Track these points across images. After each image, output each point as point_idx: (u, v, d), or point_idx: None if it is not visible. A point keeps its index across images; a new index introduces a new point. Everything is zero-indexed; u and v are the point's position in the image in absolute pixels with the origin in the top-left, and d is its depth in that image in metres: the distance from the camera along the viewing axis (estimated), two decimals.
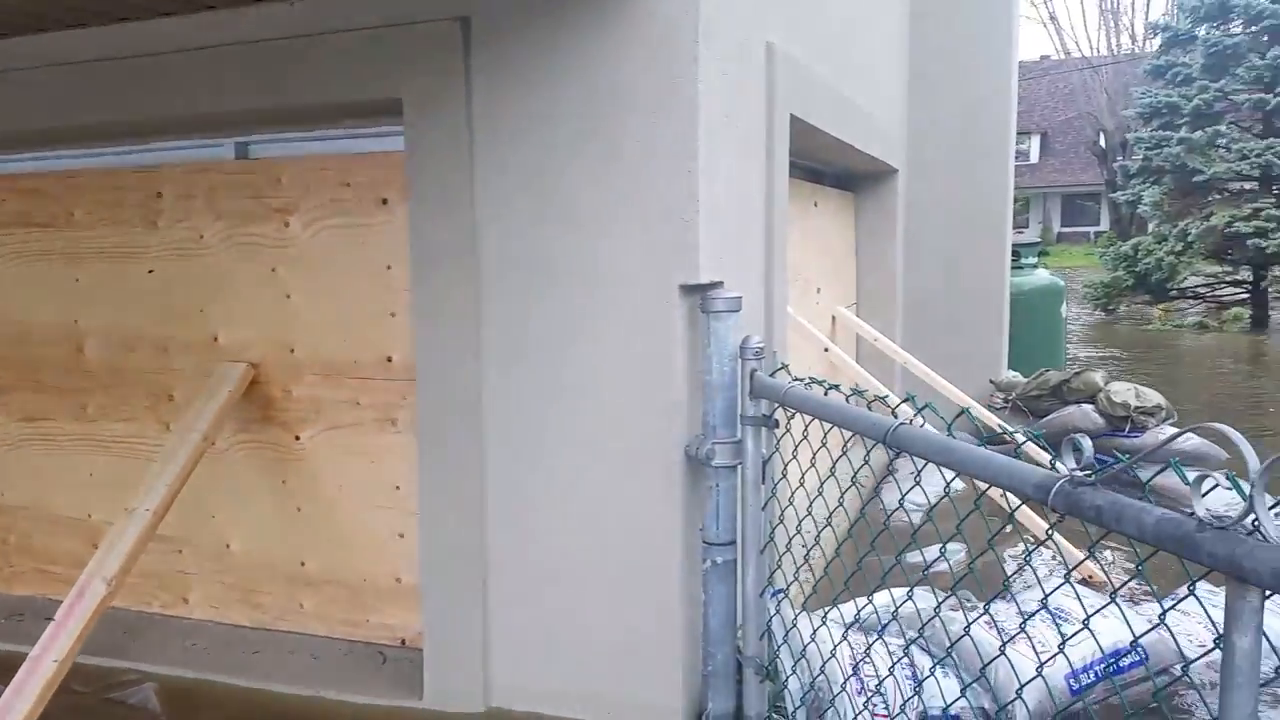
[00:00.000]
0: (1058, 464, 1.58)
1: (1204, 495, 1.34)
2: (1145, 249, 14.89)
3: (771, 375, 2.63)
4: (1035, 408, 6.07)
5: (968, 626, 2.77)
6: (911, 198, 6.59)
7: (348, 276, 3.23)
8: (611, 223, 2.67)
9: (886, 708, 2.87)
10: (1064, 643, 1.83)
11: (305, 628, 3.46)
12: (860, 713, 2.78)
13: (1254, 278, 14.59)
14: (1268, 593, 1.24)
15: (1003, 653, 2.16)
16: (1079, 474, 1.53)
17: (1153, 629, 1.59)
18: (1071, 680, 2.97)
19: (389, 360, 3.19)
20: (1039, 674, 1.95)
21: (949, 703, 2.87)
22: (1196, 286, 15.57)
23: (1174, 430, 5.65)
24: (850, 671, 2.83)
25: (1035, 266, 8.64)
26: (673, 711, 2.79)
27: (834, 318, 5.74)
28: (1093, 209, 38.29)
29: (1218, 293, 15.43)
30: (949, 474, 1.86)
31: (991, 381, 6.48)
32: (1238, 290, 15.09)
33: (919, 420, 2.05)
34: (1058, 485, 1.55)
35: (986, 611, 3.03)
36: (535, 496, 2.85)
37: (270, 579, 3.49)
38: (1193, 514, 1.34)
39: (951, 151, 6.52)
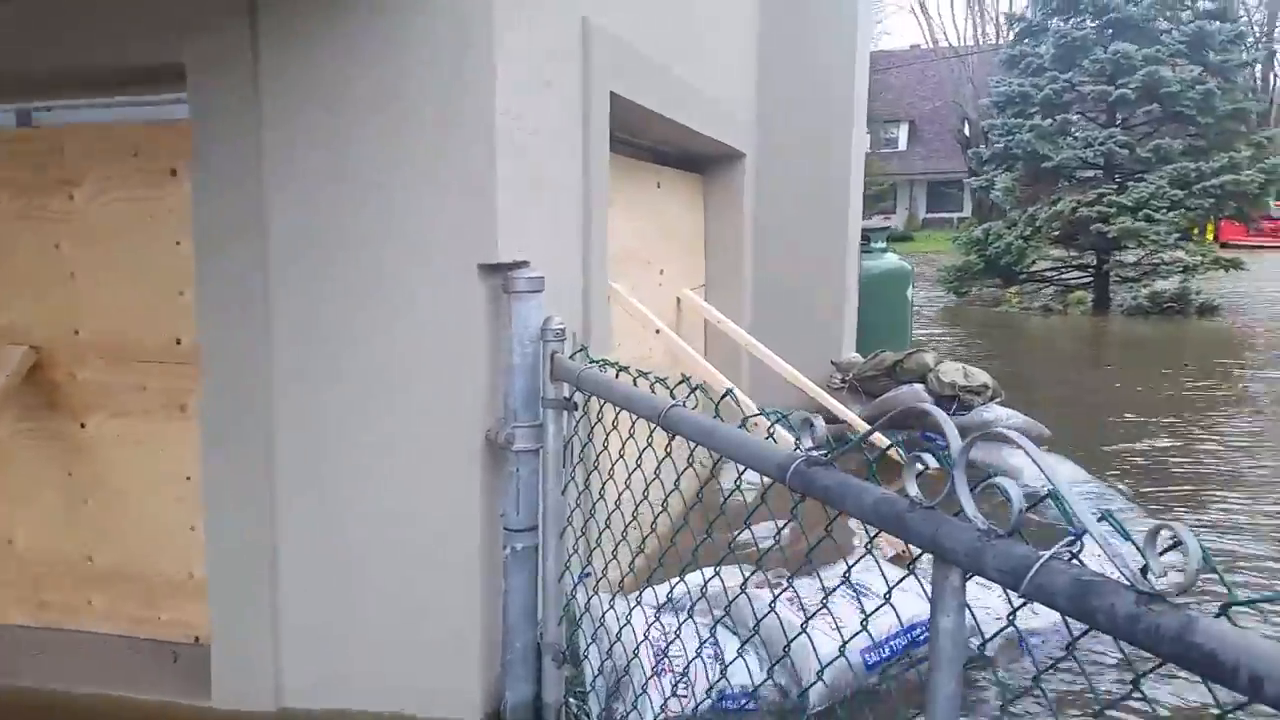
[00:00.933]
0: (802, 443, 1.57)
1: (917, 476, 1.36)
2: (995, 234, 15.54)
3: (571, 357, 2.59)
4: (871, 388, 6.24)
5: (772, 603, 2.79)
6: (761, 182, 6.65)
7: (136, 253, 3.02)
8: (407, 197, 2.56)
9: (688, 687, 2.88)
10: (866, 619, 1.77)
11: (94, 626, 3.25)
12: (663, 694, 2.79)
13: (1097, 262, 15.41)
14: (969, 574, 1.26)
15: (804, 630, 2.16)
16: (815, 454, 1.53)
17: (877, 610, 1.60)
18: (869, 655, 3.04)
19: (177, 343, 3.00)
20: (841, 653, 1.91)
21: (756, 685, 2.91)
22: (1044, 270, 16.34)
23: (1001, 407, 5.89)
24: (651, 653, 2.82)
25: (885, 251, 8.89)
26: (470, 701, 2.72)
27: (679, 299, 5.75)
28: (957, 195, 39.80)
29: (1064, 276, 16.23)
30: None
31: (832, 362, 6.62)
32: (1083, 274, 15.90)
33: (692, 401, 2.04)
34: (794, 465, 1.55)
35: (789, 587, 3.09)
36: (330, 485, 2.73)
37: (56, 576, 3.27)
38: (904, 493, 1.36)
39: (798, 138, 6.60)
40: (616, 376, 2.35)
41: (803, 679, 2.93)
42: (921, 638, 3.17)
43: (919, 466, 1.36)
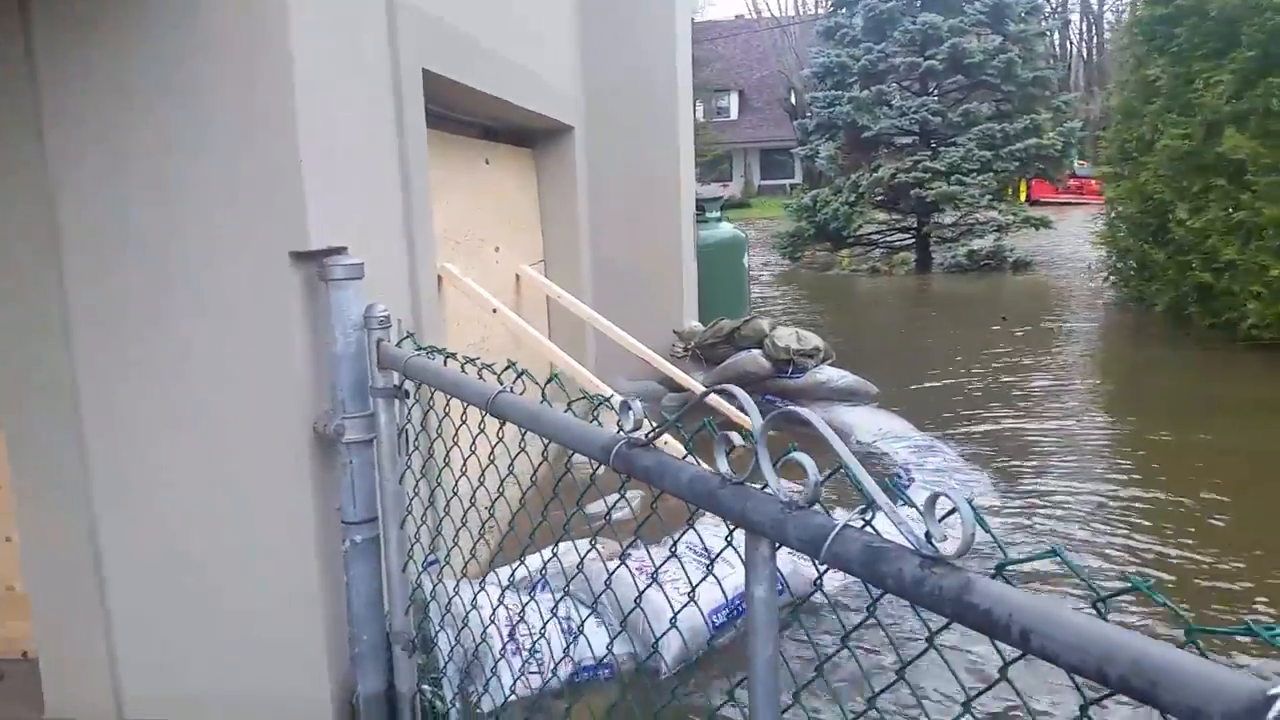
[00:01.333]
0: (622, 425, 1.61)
1: (729, 455, 1.43)
2: (823, 200, 16.15)
3: (398, 345, 2.55)
4: (712, 355, 6.42)
5: (609, 576, 2.85)
6: (593, 156, 6.68)
7: None
8: (205, 188, 2.44)
9: (539, 666, 2.92)
10: (695, 586, 1.76)
11: None
12: (514, 674, 2.82)
13: (918, 224, 16.25)
14: (778, 545, 1.33)
15: (638, 601, 2.20)
16: (635, 435, 1.57)
17: (700, 582, 1.66)
18: (715, 617, 3.15)
19: None
20: (673, 624, 1.89)
21: (600, 656, 2.97)
22: (871, 234, 17.11)
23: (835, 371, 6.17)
24: (500, 634, 2.84)
25: (720, 220, 9.08)
26: (320, 700, 2.67)
27: (518, 276, 5.73)
28: (788, 163, 40.98)
29: (889, 239, 17.05)
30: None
31: (674, 331, 6.76)
32: (906, 236, 16.74)
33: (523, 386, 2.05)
34: (616, 448, 1.59)
35: (624, 559, 3.16)
36: (151, 487, 2.60)
37: None
38: (716, 472, 1.42)
39: (625, 111, 6.66)
40: (445, 363, 2.33)
41: (664, 652, 3.00)
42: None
43: (729, 444, 1.43)
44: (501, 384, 2.03)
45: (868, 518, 1.22)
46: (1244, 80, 7.99)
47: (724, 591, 3.10)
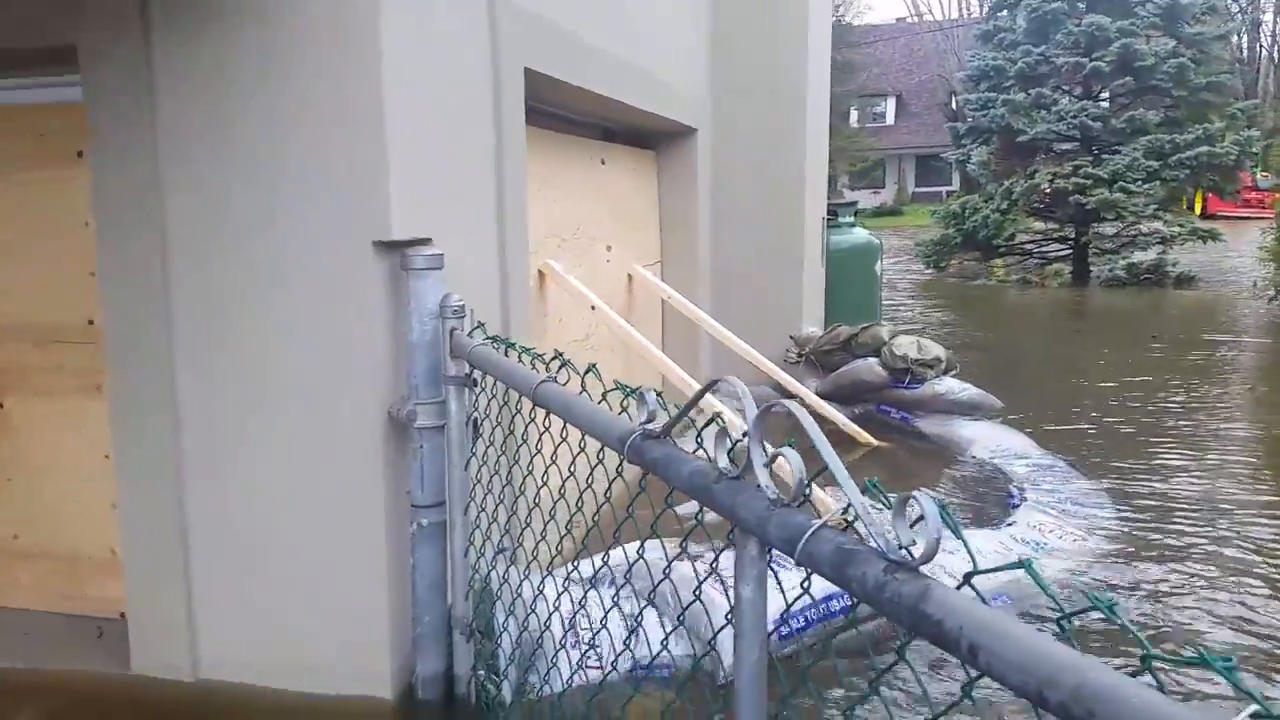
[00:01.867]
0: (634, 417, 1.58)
1: (730, 450, 1.38)
2: (973, 207, 15.52)
3: (469, 334, 2.60)
4: (827, 361, 6.27)
5: (667, 567, 2.81)
6: (718, 158, 6.64)
7: (46, 234, 3.02)
8: (297, 177, 2.56)
9: (599, 660, 2.92)
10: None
11: (21, 602, 3.28)
12: (572, 666, 2.82)
13: (1076, 234, 15.40)
14: (768, 544, 1.27)
15: (697, 594, 2.14)
16: (649, 427, 1.55)
17: (704, 581, 1.62)
18: (782, 627, 3.07)
19: (90, 323, 3.01)
20: (729, 620, 1.81)
21: (656, 654, 2.93)
22: (1024, 243, 16.33)
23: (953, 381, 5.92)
24: (564, 626, 2.86)
25: (853, 226, 8.89)
26: (381, 676, 2.76)
27: (630, 276, 5.76)
28: (945, 170, 39.67)
29: (1044, 249, 16.24)
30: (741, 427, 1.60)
31: (791, 337, 6.64)
32: (1062, 246, 15.90)
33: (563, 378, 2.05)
34: (631, 439, 1.57)
35: (713, 571, 3.11)
36: (235, 463, 2.75)
37: None
38: (714, 463, 1.38)
39: (751, 113, 6.59)
40: (506, 354, 2.36)
41: (722, 656, 2.94)
42: (836, 609, 3.21)
43: (729, 439, 1.38)
44: (548, 373, 2.04)
45: (850, 518, 1.16)
46: None
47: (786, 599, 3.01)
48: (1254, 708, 0.70)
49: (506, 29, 3.14)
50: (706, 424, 1.47)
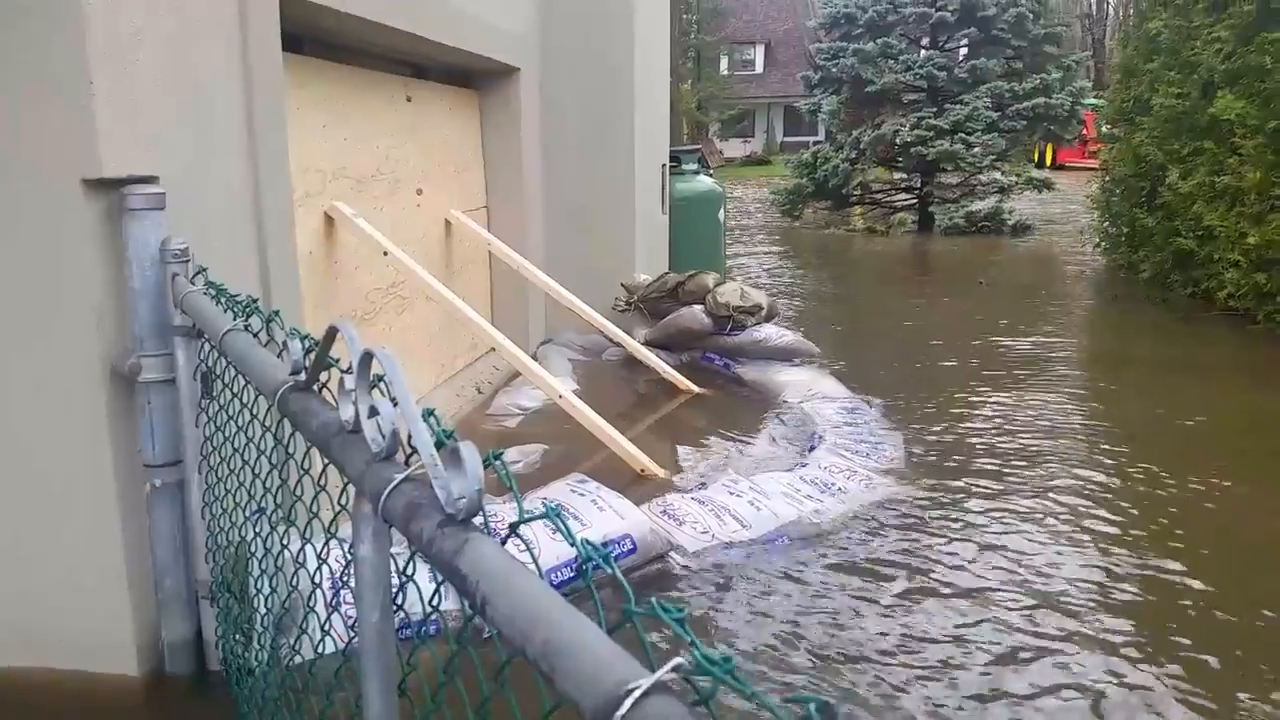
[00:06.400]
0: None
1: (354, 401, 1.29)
2: (824, 157, 15.78)
3: (191, 280, 2.42)
4: (655, 309, 6.25)
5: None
6: (547, 97, 6.47)
7: None
8: None
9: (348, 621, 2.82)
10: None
11: None
12: (325, 628, 2.72)
13: (920, 184, 15.87)
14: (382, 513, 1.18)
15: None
16: (296, 378, 1.44)
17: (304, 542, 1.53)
18: (553, 575, 3.03)
19: None
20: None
21: (427, 614, 2.85)
22: (875, 193, 16.73)
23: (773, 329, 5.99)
24: (317, 587, 2.74)
25: (696, 173, 8.86)
26: (123, 645, 2.59)
27: (448, 221, 5.57)
28: (812, 119, 40.19)
29: (892, 198, 16.67)
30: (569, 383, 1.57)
31: (622, 284, 6.59)
32: (909, 196, 16.36)
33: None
34: (281, 391, 1.46)
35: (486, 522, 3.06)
36: None
37: None
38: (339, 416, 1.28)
39: (580, 57, 6.43)
40: (219, 302, 2.20)
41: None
42: (618, 555, 3.19)
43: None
44: (235, 320, 1.89)
45: (421, 470, 1.08)
46: (1242, 37, 7.62)
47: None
48: (678, 660, 0.65)
49: None
50: (345, 372, 1.37)
